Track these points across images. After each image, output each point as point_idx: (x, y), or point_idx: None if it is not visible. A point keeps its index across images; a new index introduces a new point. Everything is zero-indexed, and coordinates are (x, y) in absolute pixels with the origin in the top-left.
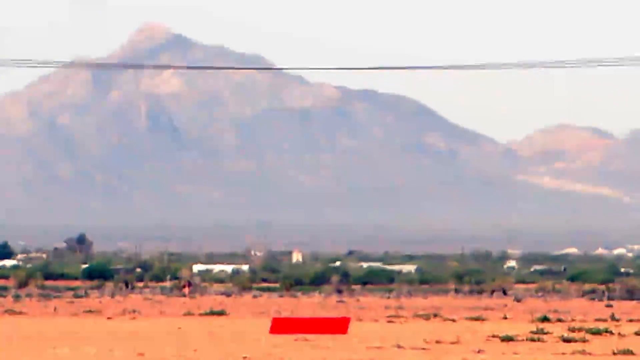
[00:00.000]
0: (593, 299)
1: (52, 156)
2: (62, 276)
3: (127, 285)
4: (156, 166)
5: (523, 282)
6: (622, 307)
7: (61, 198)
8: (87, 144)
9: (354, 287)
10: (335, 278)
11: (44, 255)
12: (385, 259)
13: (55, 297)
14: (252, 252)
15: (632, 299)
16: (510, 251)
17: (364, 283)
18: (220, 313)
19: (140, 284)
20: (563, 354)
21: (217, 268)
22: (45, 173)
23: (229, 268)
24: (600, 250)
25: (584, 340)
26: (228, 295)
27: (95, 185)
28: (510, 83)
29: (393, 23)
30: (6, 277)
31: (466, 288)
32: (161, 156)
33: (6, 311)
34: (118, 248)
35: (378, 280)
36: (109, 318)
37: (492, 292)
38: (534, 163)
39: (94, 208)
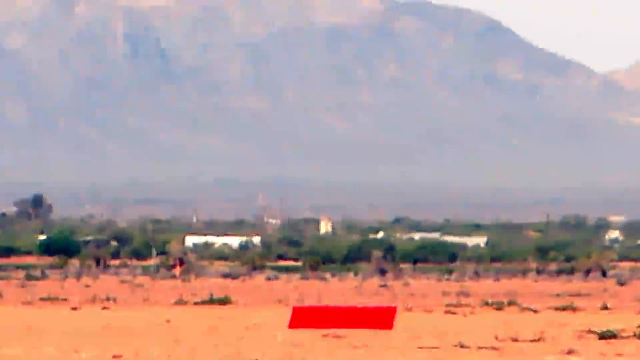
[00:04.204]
0: None
1: (0, 93)
2: (10, 251)
3: (98, 264)
4: (137, 105)
5: (628, 259)
6: None
7: (12, 148)
8: (46, 76)
9: (402, 266)
10: (376, 254)
11: None
12: (445, 228)
13: (1, 278)
14: (266, 220)
15: None
16: (610, 218)
17: (416, 261)
18: (223, 301)
19: (116, 262)
20: None
21: (218, 241)
22: None
23: (234, 241)
24: None
25: None
26: (233, 277)
27: (56, 131)
28: None
29: None
30: None
31: (552, 267)
32: (144, 92)
33: None
34: (87, 213)
35: (434, 257)
36: (74, 308)
37: (587, 272)
38: None
39: (54, 161)
